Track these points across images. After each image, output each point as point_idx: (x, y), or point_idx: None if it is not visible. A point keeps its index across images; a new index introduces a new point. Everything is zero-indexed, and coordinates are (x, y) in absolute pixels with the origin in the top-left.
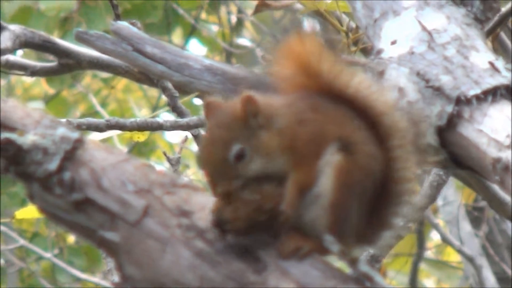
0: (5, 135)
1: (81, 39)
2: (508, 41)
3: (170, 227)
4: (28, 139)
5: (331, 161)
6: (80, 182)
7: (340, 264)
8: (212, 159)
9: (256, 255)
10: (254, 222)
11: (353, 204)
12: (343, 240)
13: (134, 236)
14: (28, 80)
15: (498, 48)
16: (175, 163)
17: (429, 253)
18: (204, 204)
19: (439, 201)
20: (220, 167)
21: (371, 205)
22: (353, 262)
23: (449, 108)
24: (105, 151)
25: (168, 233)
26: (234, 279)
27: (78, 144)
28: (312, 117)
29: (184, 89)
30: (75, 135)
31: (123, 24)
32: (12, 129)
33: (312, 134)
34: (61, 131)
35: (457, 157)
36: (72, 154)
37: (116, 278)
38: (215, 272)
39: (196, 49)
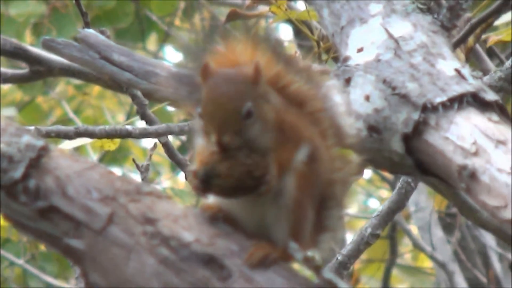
0: None
1: (48, 46)
2: (481, 50)
3: (135, 235)
4: None
5: (299, 163)
6: (45, 190)
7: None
8: (224, 109)
9: (220, 263)
10: (240, 185)
11: (309, 208)
12: (303, 245)
13: (99, 244)
14: (4, 86)
15: (472, 57)
16: (144, 170)
17: (404, 259)
18: (168, 211)
19: (411, 207)
20: (230, 118)
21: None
22: (317, 269)
23: (415, 116)
24: (70, 158)
25: (133, 240)
26: (199, 286)
27: (43, 152)
28: (293, 111)
29: (152, 97)
30: (40, 143)
31: (90, 32)
32: None
33: (293, 127)
34: (26, 139)
35: (423, 164)
36: (37, 162)
37: (82, 285)
38: (180, 279)
39: (171, 55)
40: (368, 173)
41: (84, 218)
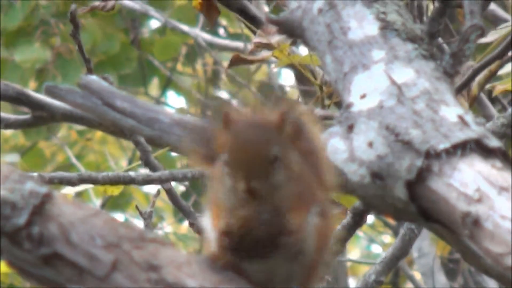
0: None
1: (51, 93)
2: (483, 96)
3: (138, 282)
4: None
5: (313, 222)
6: (48, 237)
7: None
8: (253, 154)
9: None
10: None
11: (321, 263)
12: None
13: None
14: (7, 131)
15: (476, 105)
16: (147, 217)
17: None
18: (172, 258)
19: (415, 253)
20: (259, 163)
21: None
22: None
23: (419, 162)
24: (73, 205)
25: (136, 287)
26: None
27: (46, 198)
28: (307, 168)
29: (154, 143)
30: (43, 189)
31: (93, 78)
32: None
33: (309, 184)
34: (30, 185)
35: (427, 211)
36: (40, 208)
37: None
38: None
39: (174, 100)
40: (370, 218)
41: (87, 265)
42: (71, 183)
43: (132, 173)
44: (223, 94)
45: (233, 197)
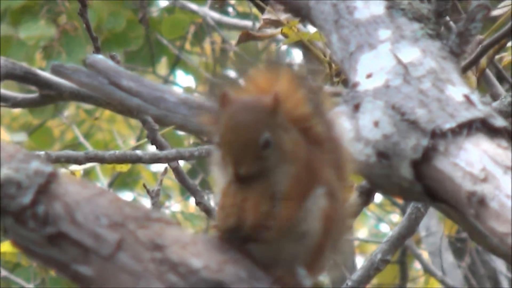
0: None
1: (57, 72)
2: (491, 74)
3: (143, 261)
4: (2, 173)
5: (319, 204)
6: (53, 216)
7: None
8: (241, 139)
9: None
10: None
11: (327, 246)
12: (314, 275)
13: (107, 270)
14: (15, 110)
15: (482, 81)
16: (155, 195)
17: (416, 283)
18: (177, 238)
19: (422, 232)
20: (247, 148)
21: None
22: None
23: (425, 142)
24: (79, 185)
25: (141, 267)
26: None
27: (51, 178)
28: (308, 148)
29: (161, 122)
30: (48, 169)
31: (99, 57)
32: None
33: (309, 164)
34: (35, 165)
35: (432, 190)
36: (45, 188)
37: None
38: None
39: (182, 79)
40: (378, 197)
41: (92, 245)
42: (78, 161)
43: (139, 152)
44: (231, 73)
45: (226, 180)
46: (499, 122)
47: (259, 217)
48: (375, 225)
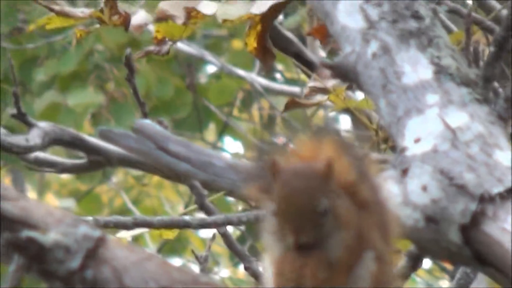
0: (27, 233)
1: (105, 137)
2: None
3: None
4: (50, 237)
5: (369, 268)
6: (102, 281)
7: None
8: (301, 207)
9: None
10: None
11: None
12: None
13: None
14: (64, 175)
15: None
16: (203, 261)
17: None
18: None
19: None
20: (307, 216)
21: None
22: None
23: (473, 206)
24: (127, 249)
25: None
26: None
27: (100, 242)
28: (359, 215)
29: (209, 187)
30: (97, 233)
31: (147, 122)
32: (34, 227)
33: (359, 229)
34: (83, 229)
35: (481, 255)
36: (94, 252)
37: None
38: None
39: (230, 145)
40: (427, 263)
41: None
42: (126, 227)
43: (187, 217)
44: (279, 139)
45: (282, 248)
46: None
47: (318, 284)
48: None
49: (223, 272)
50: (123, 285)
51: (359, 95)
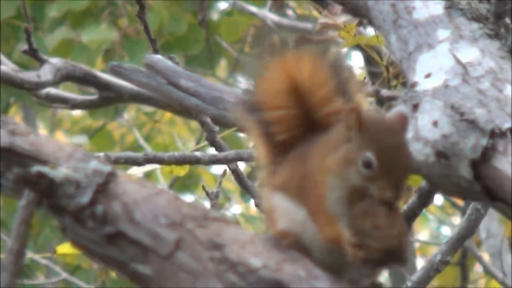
0: (37, 168)
1: (116, 72)
2: None
3: (202, 260)
4: (61, 172)
5: None
6: (112, 215)
7: None
8: (403, 165)
9: None
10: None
11: None
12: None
13: (166, 269)
14: (76, 112)
15: None
16: (214, 197)
17: (477, 285)
18: (236, 237)
19: (483, 234)
20: (406, 174)
21: None
22: None
23: (483, 141)
24: (137, 184)
25: (200, 266)
26: None
27: (110, 177)
28: None
29: (219, 123)
30: (107, 168)
31: (158, 58)
32: (44, 162)
33: None
34: (94, 164)
35: (491, 190)
36: (104, 187)
37: None
38: None
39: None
40: (439, 200)
41: (151, 244)
42: (137, 163)
43: (198, 153)
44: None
45: (367, 205)
46: None
47: (406, 240)
48: (436, 227)
49: (234, 208)
50: (133, 220)
51: (370, 32)
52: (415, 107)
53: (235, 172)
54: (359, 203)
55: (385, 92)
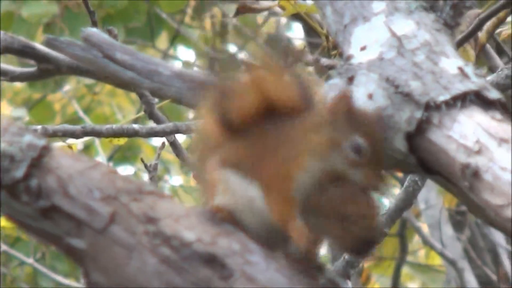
0: None
1: (51, 45)
2: (490, 47)
3: (136, 234)
4: None
5: None
6: (46, 189)
7: None
8: (383, 151)
9: (222, 262)
10: None
11: None
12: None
13: (100, 243)
14: (16, 85)
15: (481, 54)
16: (152, 169)
17: (417, 256)
18: (170, 211)
19: (421, 205)
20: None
21: None
22: (320, 269)
23: (418, 114)
24: (72, 158)
25: (134, 240)
26: (200, 286)
27: (44, 151)
28: None
29: (157, 95)
30: (41, 142)
31: (94, 31)
32: None
33: None
34: (28, 138)
35: (426, 163)
36: (38, 161)
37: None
38: (181, 278)
39: (183, 53)
40: None
41: (85, 218)
42: (75, 135)
43: (136, 126)
44: (231, 47)
45: (347, 191)
46: (493, 94)
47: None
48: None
49: (174, 180)
50: (67, 194)
51: (310, 2)
52: (350, 80)
53: (173, 145)
54: (333, 188)
55: (325, 61)
